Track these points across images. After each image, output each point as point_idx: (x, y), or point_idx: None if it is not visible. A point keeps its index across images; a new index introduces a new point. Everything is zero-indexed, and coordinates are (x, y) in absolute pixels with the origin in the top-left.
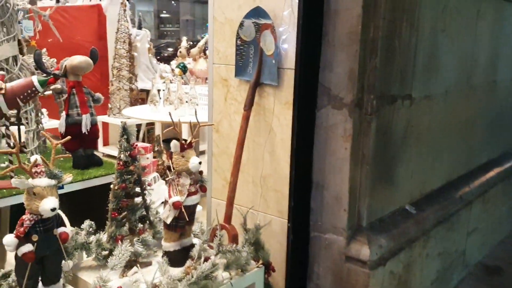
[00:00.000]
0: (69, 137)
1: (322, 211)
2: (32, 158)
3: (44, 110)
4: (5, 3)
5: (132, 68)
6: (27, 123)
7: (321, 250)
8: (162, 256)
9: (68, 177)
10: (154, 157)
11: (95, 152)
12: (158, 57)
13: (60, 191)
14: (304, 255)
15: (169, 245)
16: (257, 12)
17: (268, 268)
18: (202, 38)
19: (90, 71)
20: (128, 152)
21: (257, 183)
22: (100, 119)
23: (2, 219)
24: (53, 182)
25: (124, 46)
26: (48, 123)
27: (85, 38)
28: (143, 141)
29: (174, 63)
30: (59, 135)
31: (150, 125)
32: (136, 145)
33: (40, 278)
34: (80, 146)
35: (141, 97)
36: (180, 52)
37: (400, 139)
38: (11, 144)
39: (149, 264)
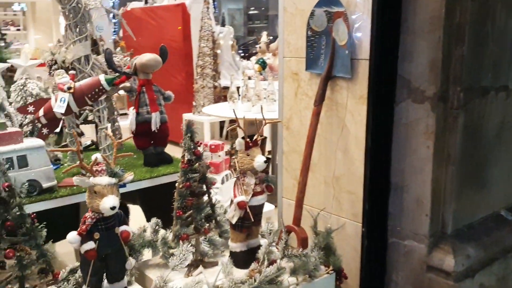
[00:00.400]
0: (130, 136)
1: (402, 216)
2: (93, 157)
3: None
4: (76, 4)
5: (215, 66)
6: (100, 121)
7: (400, 257)
8: (229, 257)
9: (129, 176)
10: (227, 155)
11: (166, 150)
12: (247, 54)
13: (125, 189)
14: (381, 262)
15: (235, 246)
16: (329, 0)
17: (340, 275)
18: None
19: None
20: (193, 151)
21: (329, 183)
22: (185, 116)
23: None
24: (113, 180)
25: (207, 44)
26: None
27: (171, 37)
28: (226, 138)
29: (254, 59)
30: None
31: (233, 122)
32: (201, 143)
33: (104, 276)
34: (151, 144)
35: (224, 94)
36: (259, 47)
37: (494, 136)
38: (83, 143)
39: (215, 264)
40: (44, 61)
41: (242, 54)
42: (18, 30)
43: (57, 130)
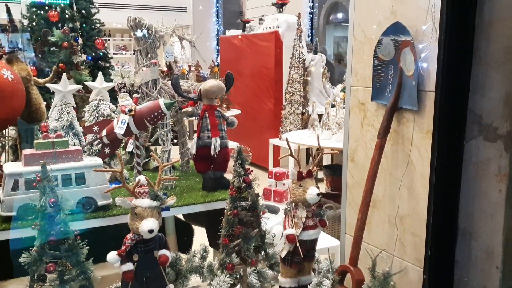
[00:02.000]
0: (177, 160)
1: (469, 266)
2: (137, 178)
3: None
4: (147, 31)
5: (304, 93)
6: (164, 143)
7: None
8: None
9: (171, 200)
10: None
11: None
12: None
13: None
14: None
15: (285, 281)
16: (396, 28)
17: None
18: None
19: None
20: (242, 178)
21: (393, 223)
22: (272, 142)
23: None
24: (154, 203)
25: (298, 71)
26: None
27: (264, 64)
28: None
29: (340, 86)
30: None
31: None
32: (252, 171)
33: None
34: (210, 168)
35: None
36: (346, 75)
37: None
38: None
39: None
40: (114, 84)
41: (343, 80)
42: (133, 54)
43: (129, 150)
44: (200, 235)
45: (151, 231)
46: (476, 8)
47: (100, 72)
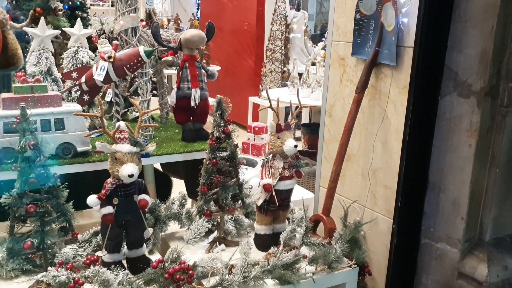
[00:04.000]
0: (157, 108)
1: (436, 217)
2: (117, 124)
3: None
4: None
5: (285, 51)
6: (143, 93)
7: (431, 260)
8: (253, 238)
9: (151, 146)
10: None
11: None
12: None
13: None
14: (411, 263)
15: (260, 228)
16: None
17: (363, 270)
18: None
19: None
20: (222, 128)
21: (366, 175)
22: (251, 100)
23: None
24: (134, 149)
25: (279, 28)
26: None
27: (245, 19)
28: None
29: (321, 44)
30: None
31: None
32: (231, 122)
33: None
34: (190, 120)
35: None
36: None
37: None
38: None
39: (237, 244)
40: (93, 30)
41: (323, 39)
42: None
43: (107, 99)
44: (178, 187)
45: (131, 176)
46: None
47: (79, 19)
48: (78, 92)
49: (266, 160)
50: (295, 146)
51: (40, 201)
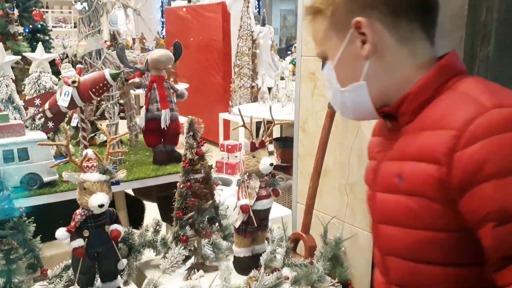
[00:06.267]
0: (126, 132)
1: None
2: (84, 152)
3: None
4: (87, 2)
5: (253, 66)
6: (110, 117)
7: None
8: (232, 262)
9: (121, 173)
10: None
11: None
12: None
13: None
14: None
15: (239, 251)
16: None
17: (346, 287)
18: None
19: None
20: (195, 150)
21: (343, 190)
22: (222, 116)
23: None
24: (103, 177)
25: (246, 44)
26: None
27: (211, 36)
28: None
29: (288, 59)
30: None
31: (270, 123)
32: (204, 143)
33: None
34: (160, 142)
35: None
36: (294, 47)
37: None
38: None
39: (216, 268)
40: (56, 55)
41: (291, 54)
42: (74, 27)
43: (73, 124)
44: (151, 211)
45: (101, 206)
46: None
47: (40, 42)
48: (42, 119)
49: (241, 180)
50: (271, 164)
51: (5, 238)
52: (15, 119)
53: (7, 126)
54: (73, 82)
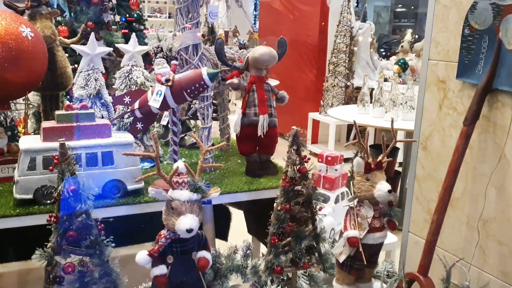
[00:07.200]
0: (222, 143)
1: None
2: (175, 165)
3: None
4: None
5: (349, 64)
6: (203, 119)
7: None
8: None
9: (215, 192)
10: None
11: (271, 158)
12: (388, 53)
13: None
14: None
15: None
16: None
17: None
18: None
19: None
20: (297, 167)
21: (473, 226)
22: (311, 116)
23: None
24: (194, 196)
25: (344, 40)
26: None
27: (307, 31)
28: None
29: (394, 58)
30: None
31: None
32: (309, 159)
33: None
34: (255, 151)
35: (356, 96)
36: (402, 46)
37: None
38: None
39: None
40: (150, 48)
41: (384, 53)
42: (168, 17)
43: (163, 123)
44: (237, 219)
45: (190, 231)
46: None
47: (134, 33)
48: (131, 118)
49: (351, 206)
50: (390, 191)
51: (80, 258)
52: (102, 116)
53: (92, 126)
54: (167, 80)
